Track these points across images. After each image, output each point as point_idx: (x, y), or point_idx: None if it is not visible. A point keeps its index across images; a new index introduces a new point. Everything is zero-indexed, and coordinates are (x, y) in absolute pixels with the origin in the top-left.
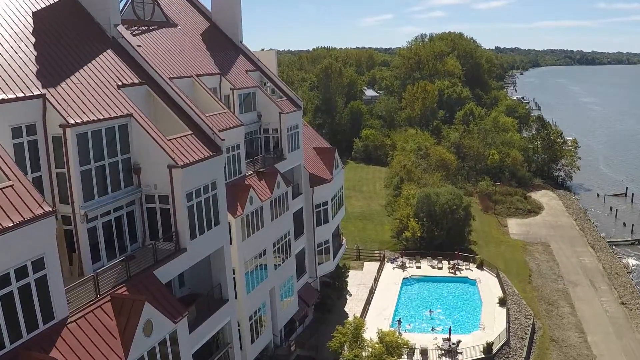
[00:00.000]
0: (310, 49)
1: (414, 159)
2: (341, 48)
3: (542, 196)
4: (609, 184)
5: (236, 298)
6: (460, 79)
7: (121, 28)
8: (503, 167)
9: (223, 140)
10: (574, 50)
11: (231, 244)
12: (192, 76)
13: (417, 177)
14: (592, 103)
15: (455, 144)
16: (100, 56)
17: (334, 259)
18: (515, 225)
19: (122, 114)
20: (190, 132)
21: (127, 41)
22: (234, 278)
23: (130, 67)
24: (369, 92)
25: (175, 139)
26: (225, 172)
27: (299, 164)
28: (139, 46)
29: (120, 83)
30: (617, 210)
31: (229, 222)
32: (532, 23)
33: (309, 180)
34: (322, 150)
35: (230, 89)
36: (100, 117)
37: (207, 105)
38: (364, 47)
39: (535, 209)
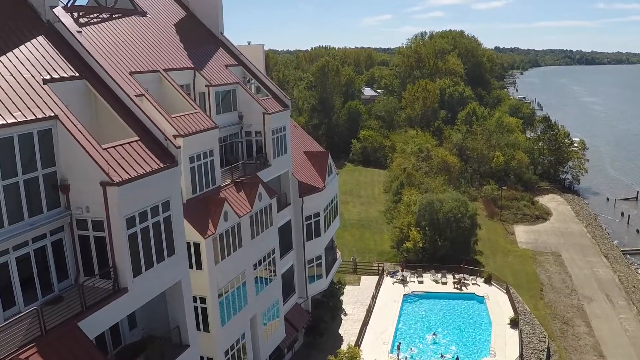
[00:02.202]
0: (309, 49)
1: (415, 161)
2: (340, 47)
3: (549, 201)
4: (618, 187)
5: (209, 331)
6: (461, 78)
7: (59, 10)
8: (508, 170)
9: (179, 148)
10: (574, 50)
11: (201, 268)
12: (158, 70)
13: (418, 182)
14: (594, 103)
15: (458, 146)
16: (27, 44)
17: (327, 276)
18: (522, 233)
19: (43, 116)
20: (137, 139)
21: (65, 26)
22: (205, 308)
23: (66, 57)
24: (368, 92)
25: (114, 147)
26: (195, 183)
27: (286, 171)
28: (78, 32)
29: (48, 77)
30: (629, 215)
31: (198, 244)
32: (531, 23)
33: (297, 189)
34: (314, 155)
35: (206, 86)
36: (11, 120)
37: (176, 104)
38: (363, 47)
39: (543, 215)
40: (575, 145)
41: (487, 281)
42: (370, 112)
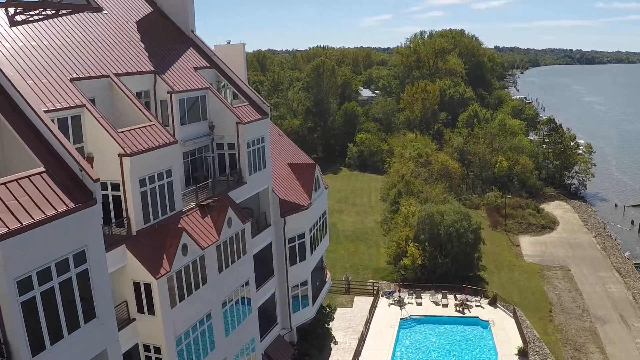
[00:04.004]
0: (308, 49)
1: (414, 167)
2: (339, 47)
3: (555, 208)
4: (625, 192)
5: None
6: (462, 78)
7: None
8: (511, 176)
9: (97, 181)
10: (574, 49)
11: (154, 314)
12: (108, 75)
13: (417, 190)
14: (596, 102)
15: (459, 150)
16: None
17: (314, 303)
18: (528, 245)
19: None
20: (41, 170)
21: None
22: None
23: None
24: (366, 93)
25: (4, 184)
26: (148, 211)
27: (265, 188)
28: None
29: None
30: (639, 224)
31: (150, 285)
32: (531, 22)
33: (279, 208)
34: (299, 168)
35: (168, 92)
36: None
37: (129, 115)
38: (362, 47)
39: (549, 224)
40: (582, 148)
41: (492, 302)
42: (368, 114)
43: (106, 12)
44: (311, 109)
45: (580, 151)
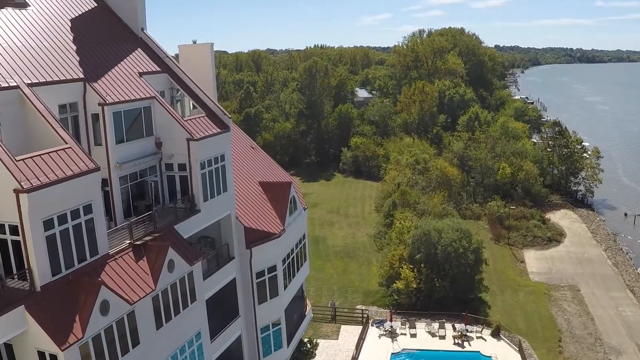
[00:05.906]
0: (305, 48)
1: (410, 175)
2: (337, 47)
3: (561, 217)
4: (635, 199)
5: None
6: (462, 79)
7: None
8: (515, 182)
9: None
10: (574, 48)
11: None
12: (17, 86)
13: (413, 201)
14: (598, 102)
15: (459, 155)
16: None
17: (289, 343)
18: (534, 260)
19: None
20: None
21: None
22: None
23: None
24: (362, 93)
25: None
26: (58, 260)
27: (227, 215)
28: None
29: None
30: None
31: (56, 356)
32: (531, 22)
33: (244, 237)
34: (272, 187)
35: (99, 105)
36: None
37: (43, 135)
38: (361, 46)
39: (556, 237)
40: (589, 152)
41: (495, 333)
42: (363, 117)
43: (33, 7)
44: (304, 112)
45: (587, 155)
